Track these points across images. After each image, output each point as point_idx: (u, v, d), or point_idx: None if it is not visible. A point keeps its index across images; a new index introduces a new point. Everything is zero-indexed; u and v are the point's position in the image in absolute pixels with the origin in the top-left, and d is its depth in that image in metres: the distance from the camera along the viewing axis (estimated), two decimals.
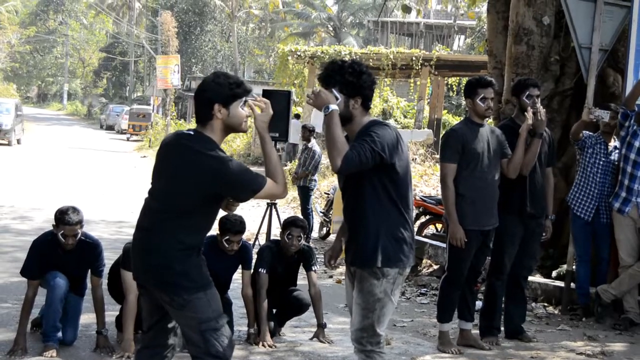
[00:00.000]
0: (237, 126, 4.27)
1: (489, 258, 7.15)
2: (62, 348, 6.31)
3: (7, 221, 13.50)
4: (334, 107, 4.39)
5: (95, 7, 75.46)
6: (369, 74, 4.59)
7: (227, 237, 6.59)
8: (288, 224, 7.06)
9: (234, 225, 6.54)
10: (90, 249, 6.44)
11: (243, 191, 4.20)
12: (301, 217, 7.48)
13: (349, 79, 4.48)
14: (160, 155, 4.40)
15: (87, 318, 6.72)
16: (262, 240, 10.76)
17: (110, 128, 53.34)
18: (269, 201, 11.80)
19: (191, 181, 4.17)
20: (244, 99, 4.24)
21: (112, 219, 14.01)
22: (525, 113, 6.83)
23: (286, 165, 22.12)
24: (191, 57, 58.84)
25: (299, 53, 24.05)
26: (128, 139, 43.43)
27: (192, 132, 4.31)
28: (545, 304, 8.62)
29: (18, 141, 33.90)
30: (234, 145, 29.23)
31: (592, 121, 8.15)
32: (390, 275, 4.48)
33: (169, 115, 39.13)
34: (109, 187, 20.13)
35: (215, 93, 4.21)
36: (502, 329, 7.31)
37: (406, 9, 18.58)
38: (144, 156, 32.23)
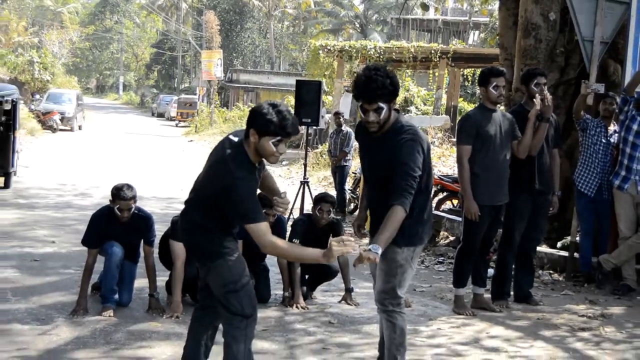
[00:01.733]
0: (264, 156, 4.18)
1: (501, 230, 7.12)
2: (119, 309, 6.37)
3: (70, 197, 13.63)
4: (379, 250, 4.15)
5: (147, 7, 75.84)
6: (396, 77, 4.53)
7: (264, 211, 6.56)
8: (319, 200, 7.07)
9: (265, 200, 6.53)
10: (143, 221, 6.49)
11: (237, 216, 4.11)
12: (330, 193, 7.44)
13: (390, 89, 4.41)
14: (214, 147, 4.39)
15: (140, 282, 6.75)
16: (296, 214, 10.78)
17: (160, 115, 53.48)
18: (302, 179, 11.83)
19: (210, 181, 4.20)
20: (278, 137, 4.10)
21: (163, 196, 14.08)
22: (534, 99, 6.79)
23: (317, 147, 22.14)
24: (232, 52, 58.84)
25: (328, 47, 23.89)
26: (177, 125, 43.58)
27: (236, 142, 4.22)
28: (551, 272, 8.56)
29: (79, 127, 34.14)
30: None
31: (588, 94, 8.09)
32: (411, 247, 4.51)
33: (212, 104, 39.23)
34: (160, 167, 20.24)
35: (257, 119, 4.12)
36: (512, 293, 7.28)
37: (425, 7, 18.43)
38: (191, 140, 32.37)
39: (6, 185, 14.20)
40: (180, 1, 69.97)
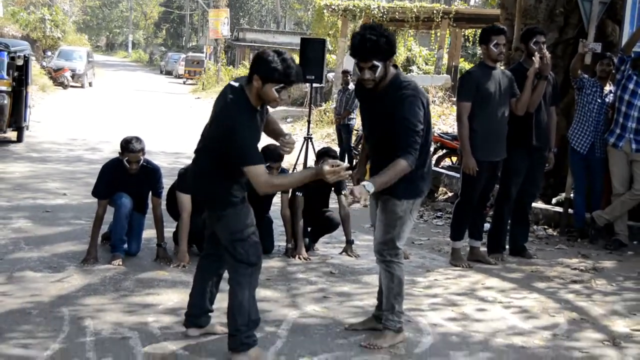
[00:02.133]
0: (266, 101, 4.17)
1: (498, 186, 7.12)
2: (128, 258, 6.42)
3: (80, 152, 13.64)
4: (372, 188, 4.18)
5: None
6: (392, 36, 4.47)
7: (268, 164, 6.58)
8: (322, 154, 7.08)
9: (273, 154, 6.53)
10: (151, 173, 6.49)
11: (236, 155, 4.06)
12: (332, 148, 7.43)
13: (385, 48, 4.35)
14: (216, 99, 4.39)
15: (148, 233, 6.78)
16: (299, 168, 10.78)
17: (169, 73, 53.17)
18: (305, 135, 11.81)
19: (215, 128, 4.19)
20: (282, 84, 4.09)
21: (170, 151, 14.07)
22: (533, 58, 6.74)
23: (321, 106, 22.06)
24: (239, 11, 58.42)
25: (333, 7, 23.67)
26: (184, 83, 43.40)
27: (237, 87, 4.20)
28: (546, 227, 8.60)
29: (90, 84, 34.03)
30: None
31: (585, 52, 8.04)
32: (410, 199, 4.50)
33: (219, 62, 39.00)
34: (168, 123, 20.21)
35: (262, 66, 4.09)
36: (507, 247, 7.31)
37: None
38: (198, 97, 32.26)
39: (19, 139, 14.19)
40: None
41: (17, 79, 13.77)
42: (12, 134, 14.23)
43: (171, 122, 20.74)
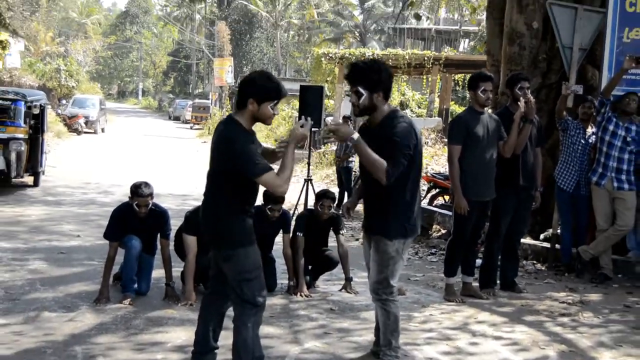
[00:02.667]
0: (262, 121, 4.21)
1: (488, 224, 7.12)
2: (138, 297, 6.40)
3: (93, 195, 13.65)
4: (356, 135, 4.30)
5: (164, 19, 75.86)
6: (387, 70, 4.53)
7: (270, 207, 6.62)
8: (321, 196, 7.09)
9: (274, 197, 6.56)
10: (160, 216, 6.51)
11: (247, 168, 4.07)
12: (331, 190, 7.45)
13: (372, 77, 4.42)
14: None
15: (158, 272, 6.76)
16: (300, 209, 10.78)
17: (176, 119, 53.34)
18: (306, 177, 11.82)
19: (216, 155, 4.19)
20: (275, 101, 4.18)
21: (178, 193, 14.08)
22: (518, 102, 6.78)
23: (321, 148, 22.10)
24: (242, 60, 58.81)
25: (330, 55, 23.89)
26: (191, 128, 43.53)
27: (225, 119, 4.30)
28: (534, 262, 8.57)
29: (102, 130, 34.19)
30: (277, 132, 29.21)
31: (568, 94, 8.11)
32: (401, 238, 4.48)
33: (224, 108, 39.23)
34: (176, 166, 20.25)
35: (254, 90, 4.16)
36: (498, 282, 7.28)
37: (417, 17, 18.51)
38: (204, 142, 32.28)
39: (35, 183, 14.23)
40: (194, 13, 69.96)
41: (34, 126, 13.85)
42: (29, 179, 14.26)
43: (179, 165, 20.78)
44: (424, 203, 12.13)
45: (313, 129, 12.91)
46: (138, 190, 6.27)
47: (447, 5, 44.49)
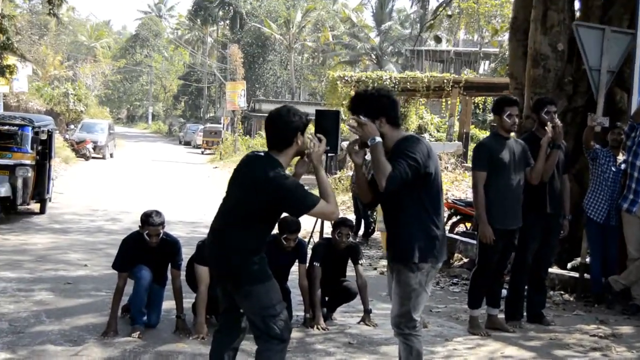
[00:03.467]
0: (304, 150, 4.28)
1: (514, 253, 7.02)
2: (147, 330, 6.33)
3: (101, 222, 13.66)
4: (378, 139, 4.29)
5: (175, 42, 76.54)
6: (389, 96, 4.48)
7: (285, 236, 6.56)
8: (338, 224, 6.99)
9: (291, 226, 6.51)
10: (170, 246, 6.45)
11: (298, 206, 4.12)
12: (349, 218, 7.37)
13: (371, 105, 4.40)
14: (236, 169, 4.38)
15: (168, 304, 6.69)
16: (316, 238, 10.70)
17: (187, 144, 53.60)
18: None
19: (254, 192, 4.15)
20: (299, 132, 4.25)
21: (189, 220, 14.07)
22: (545, 127, 6.72)
23: (336, 174, 22.07)
24: (255, 83, 59.11)
25: (346, 78, 23.94)
26: (202, 153, 43.69)
27: (262, 154, 4.29)
28: (562, 292, 8.43)
29: (111, 155, 34.38)
30: (294, 159, 29.15)
31: (595, 126, 8.03)
32: (424, 268, 4.39)
33: (236, 132, 39.34)
34: (186, 193, 20.26)
35: (299, 124, 4.23)
36: (525, 314, 7.16)
37: (437, 39, 18.56)
38: (216, 167, 32.42)
39: (42, 210, 14.28)
40: (206, 35, 70.60)
41: (41, 152, 13.90)
42: (35, 206, 14.33)
43: (189, 191, 20.79)
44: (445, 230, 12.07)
45: (330, 154, 12.91)
46: (149, 219, 6.23)
47: (466, 27, 44.58)
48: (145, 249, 6.33)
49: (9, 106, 33.88)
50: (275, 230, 6.65)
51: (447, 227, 12.09)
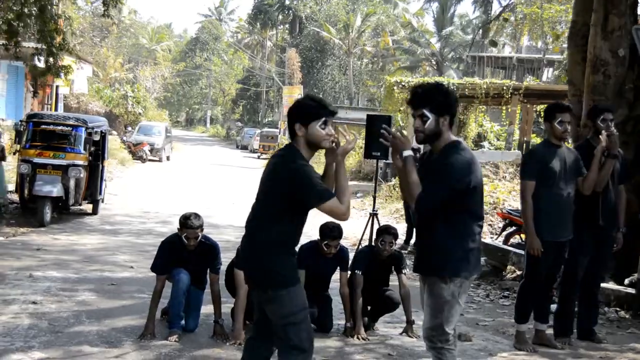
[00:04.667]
0: (317, 143, 4.12)
1: (564, 266, 6.81)
2: (185, 334, 6.34)
3: (152, 225, 13.81)
4: (408, 153, 4.22)
5: (234, 46, 77.33)
6: (453, 93, 4.40)
7: (326, 242, 6.50)
8: (382, 231, 6.92)
9: (332, 232, 6.45)
10: (209, 249, 6.45)
11: (309, 194, 3.98)
12: (393, 226, 7.26)
13: (440, 99, 4.29)
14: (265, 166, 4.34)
15: (208, 309, 6.68)
16: (364, 244, 10.61)
17: (244, 148, 53.88)
18: (371, 211, 11.66)
19: (272, 184, 4.11)
20: (323, 119, 4.09)
21: (239, 225, 14.06)
22: (600, 135, 6.51)
23: (391, 181, 21.91)
24: (313, 88, 59.27)
25: (403, 84, 23.78)
26: (259, 157, 43.90)
27: (284, 146, 4.25)
28: (617, 309, 8.15)
29: (167, 158, 34.76)
30: (347, 163, 29.14)
31: None
32: (457, 280, 4.27)
33: None
34: (239, 197, 20.32)
35: (297, 113, 4.14)
36: (575, 330, 6.94)
37: (494, 44, 18.30)
38: None
39: (94, 211, 14.51)
40: (265, 39, 71.15)
41: (94, 153, 14.13)
42: (87, 207, 14.57)
43: (242, 195, 20.82)
44: (499, 241, 11.83)
45: (381, 161, 12.80)
46: (187, 221, 6.25)
47: (529, 33, 43.93)
48: (184, 252, 6.35)
49: (70, 107, 34.73)
50: (317, 237, 6.62)
51: (502, 238, 11.88)
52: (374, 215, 11.37)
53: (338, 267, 6.78)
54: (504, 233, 12.01)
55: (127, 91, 41.43)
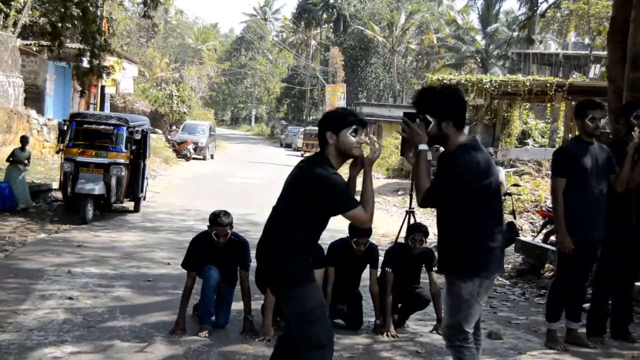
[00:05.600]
0: (347, 150, 4.17)
1: (596, 264, 6.72)
2: (215, 330, 6.40)
3: (192, 222, 13.94)
4: (423, 147, 4.22)
5: (279, 45, 77.64)
6: (455, 97, 4.33)
7: (355, 240, 6.51)
8: (412, 229, 6.91)
9: (360, 229, 6.44)
10: (239, 246, 6.50)
11: (337, 204, 4.04)
12: (424, 224, 7.24)
13: (438, 104, 4.25)
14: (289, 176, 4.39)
15: (238, 305, 6.71)
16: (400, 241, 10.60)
17: (288, 146, 54.08)
18: (407, 209, 11.65)
19: (299, 189, 4.14)
20: (353, 126, 4.15)
21: None
22: (633, 132, 6.39)
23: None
24: (357, 86, 59.32)
25: (445, 81, 23.69)
26: (302, 156, 43.87)
27: (314, 154, 4.30)
28: None
29: (211, 156, 35.11)
30: (389, 161, 29.14)
31: None
32: (476, 279, 4.22)
33: None
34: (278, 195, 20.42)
35: (328, 122, 4.20)
36: (608, 329, 6.83)
37: (530, 40, 17.96)
38: None
39: (136, 209, 14.74)
40: (309, 38, 71.31)
41: (135, 152, 14.33)
42: (129, 204, 14.79)
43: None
44: (538, 239, 11.70)
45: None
46: (217, 219, 6.32)
47: (576, 29, 43.29)
48: (214, 249, 6.41)
49: (116, 107, 35.32)
50: (346, 234, 6.63)
51: (541, 236, 11.74)
52: (410, 212, 11.37)
53: (368, 265, 6.79)
54: (544, 231, 11.86)
55: (173, 90, 41.95)
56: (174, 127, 37.16)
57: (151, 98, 41.33)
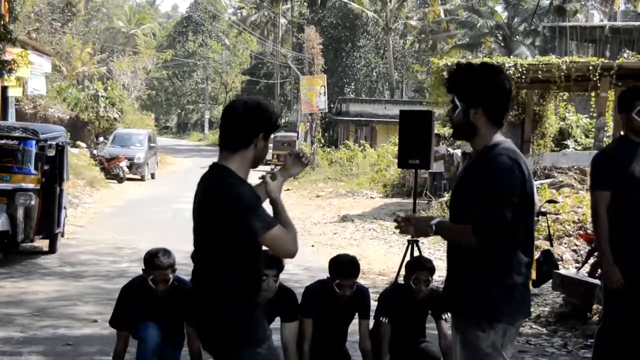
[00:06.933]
0: (261, 158, 4.34)
1: None
2: None
3: (126, 264, 13.90)
4: (435, 220, 4.39)
5: (237, 26, 77.64)
6: (496, 80, 4.40)
7: (338, 281, 6.49)
8: (413, 266, 6.93)
9: (343, 267, 6.43)
10: (184, 295, 6.47)
11: (252, 227, 4.07)
12: (428, 258, 7.27)
13: (471, 85, 4.35)
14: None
15: None
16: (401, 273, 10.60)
17: None
18: (409, 238, 11.62)
19: (210, 220, 4.26)
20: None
21: None
22: None
23: (443, 196, 21.87)
24: (342, 77, 59.49)
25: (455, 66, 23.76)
26: (272, 170, 43.96)
27: (212, 166, 4.37)
28: None
29: (152, 175, 35.14)
30: (387, 175, 29.25)
31: None
32: (498, 327, 4.26)
33: (314, 143, 39.45)
34: None
35: (263, 122, 4.26)
36: None
37: (562, 12, 18.09)
38: (288, 189, 32.64)
39: (51, 249, 14.65)
40: (277, 16, 71.48)
41: (49, 173, 14.22)
42: (42, 243, 14.69)
43: None
44: (583, 272, 11.74)
45: (421, 171, 12.73)
46: (154, 260, 6.34)
47: None
48: (152, 299, 6.41)
49: (24, 114, 35.03)
50: (326, 274, 6.64)
51: (587, 268, 11.80)
52: (413, 242, 11.28)
53: (357, 314, 6.80)
54: (591, 261, 11.92)
55: (99, 90, 41.94)
56: (101, 139, 37.13)
57: (70, 101, 41.23)
